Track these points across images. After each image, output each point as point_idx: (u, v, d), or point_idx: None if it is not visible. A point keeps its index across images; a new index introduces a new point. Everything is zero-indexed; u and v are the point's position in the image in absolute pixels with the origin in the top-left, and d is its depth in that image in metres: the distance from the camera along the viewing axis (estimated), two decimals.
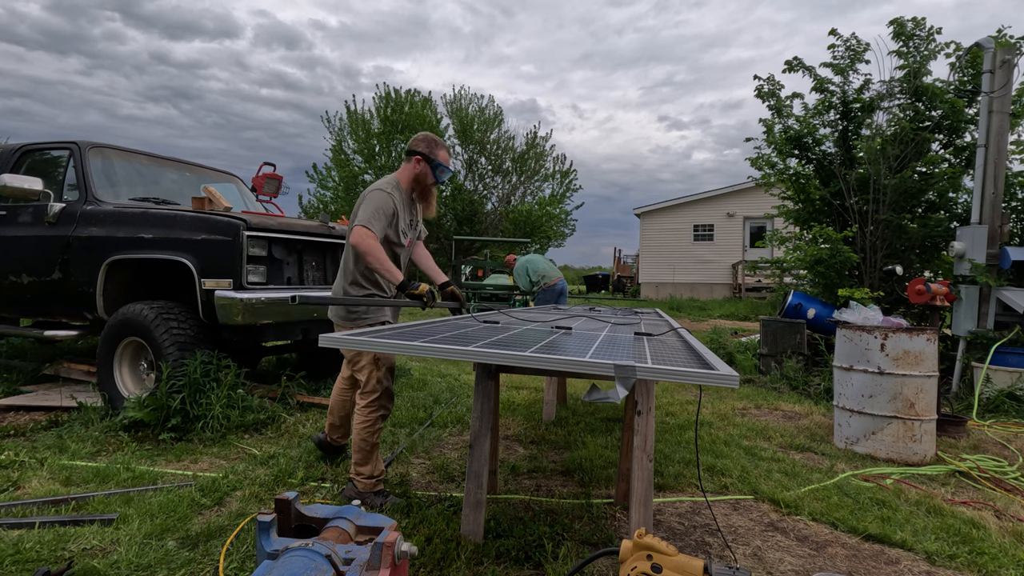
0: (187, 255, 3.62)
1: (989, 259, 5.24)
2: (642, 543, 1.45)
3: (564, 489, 2.85)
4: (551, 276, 7.25)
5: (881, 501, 2.76)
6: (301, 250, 4.17)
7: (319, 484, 2.76)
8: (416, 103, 24.57)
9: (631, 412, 2.22)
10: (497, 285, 11.98)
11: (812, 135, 7.09)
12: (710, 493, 2.88)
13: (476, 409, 2.24)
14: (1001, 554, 2.26)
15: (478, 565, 2.04)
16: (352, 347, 1.93)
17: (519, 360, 1.74)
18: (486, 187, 27.18)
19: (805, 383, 5.56)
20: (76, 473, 2.74)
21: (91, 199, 4.05)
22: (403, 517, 2.39)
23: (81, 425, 3.46)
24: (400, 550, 1.27)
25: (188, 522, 2.27)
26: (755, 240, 19.51)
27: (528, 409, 4.47)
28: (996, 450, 3.78)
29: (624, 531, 2.38)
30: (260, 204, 5.83)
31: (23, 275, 4.14)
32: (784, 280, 9.23)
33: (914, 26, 6.66)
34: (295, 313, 3.89)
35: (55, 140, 4.38)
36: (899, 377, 3.55)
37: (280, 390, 4.13)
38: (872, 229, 6.63)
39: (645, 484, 2.02)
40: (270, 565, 1.23)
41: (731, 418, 4.45)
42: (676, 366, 1.64)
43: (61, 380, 4.54)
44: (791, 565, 2.16)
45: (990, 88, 5.32)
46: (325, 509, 1.47)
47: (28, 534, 2.08)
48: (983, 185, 5.33)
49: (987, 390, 4.85)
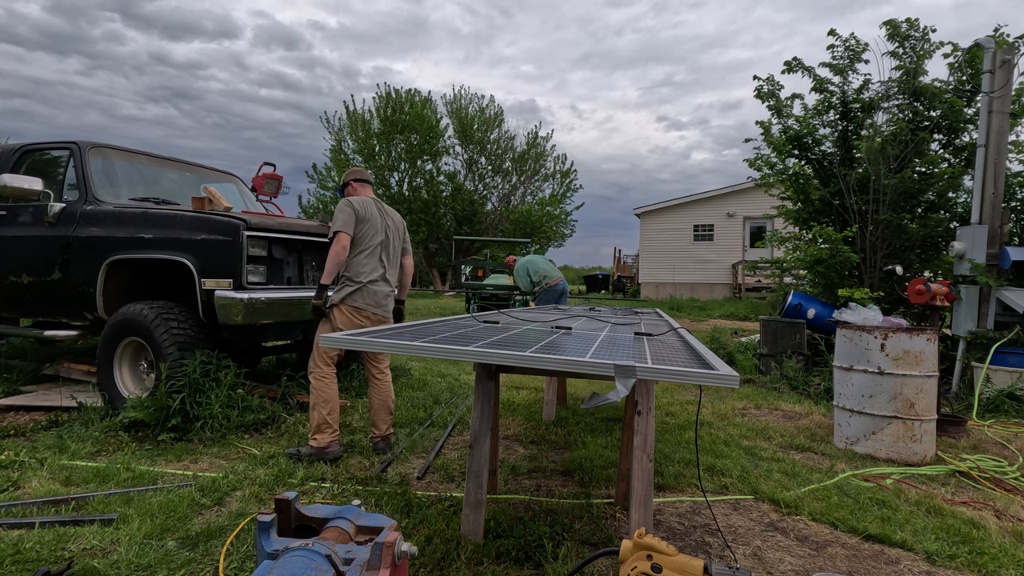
0: (187, 255, 3.62)
1: (989, 259, 5.24)
2: (642, 543, 1.45)
3: (564, 489, 2.85)
4: (552, 276, 7.25)
5: (881, 501, 2.76)
6: (301, 250, 4.17)
7: (319, 484, 2.76)
8: (416, 103, 24.56)
9: (631, 412, 2.22)
10: (497, 285, 11.98)
11: (812, 135, 7.10)
12: (710, 493, 2.88)
13: (476, 409, 2.24)
14: (1001, 554, 2.26)
15: (478, 565, 2.04)
16: (352, 347, 1.93)
17: (519, 360, 1.74)
18: (486, 187, 27.19)
19: (805, 383, 5.56)
20: (76, 473, 2.74)
21: (91, 199, 4.05)
22: (403, 517, 2.39)
23: (81, 425, 3.46)
24: (400, 550, 1.27)
25: (188, 522, 2.27)
26: (755, 240, 19.51)
27: (528, 409, 4.47)
28: (996, 450, 3.78)
29: (624, 531, 2.38)
30: (260, 204, 5.83)
31: (23, 275, 4.13)
32: (784, 280, 9.23)
33: (908, 27, 6.66)
34: (295, 313, 3.89)
35: (55, 140, 4.38)
36: (899, 377, 3.55)
37: (280, 390, 4.13)
38: (872, 229, 6.63)
39: (645, 484, 2.02)
40: (270, 565, 1.23)
41: (731, 418, 4.45)
42: (676, 366, 1.64)
43: (61, 380, 4.54)
44: (791, 565, 2.16)
45: (990, 88, 5.32)
46: (325, 509, 1.47)
47: (28, 534, 2.08)
48: (983, 185, 5.33)
49: (987, 390, 4.85)
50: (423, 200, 23.87)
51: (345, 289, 3.20)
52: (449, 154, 26.05)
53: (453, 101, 26.54)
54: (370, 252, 3.26)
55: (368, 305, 3.23)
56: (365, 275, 3.23)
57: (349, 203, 3.22)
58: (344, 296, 3.19)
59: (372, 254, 3.27)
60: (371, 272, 3.25)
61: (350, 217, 3.18)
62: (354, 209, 3.21)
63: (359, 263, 3.23)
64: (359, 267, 3.23)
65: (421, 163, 24.77)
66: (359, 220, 3.22)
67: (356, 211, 3.21)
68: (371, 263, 3.27)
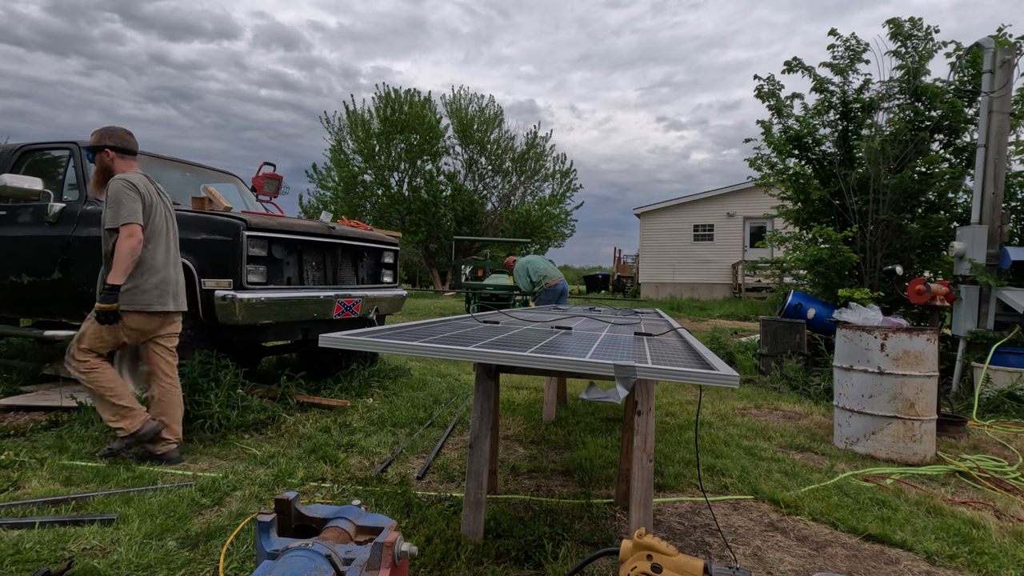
0: (187, 255, 3.61)
1: (989, 259, 5.24)
2: (642, 543, 1.45)
3: (564, 489, 2.85)
4: (552, 276, 7.26)
5: (881, 501, 2.76)
6: (301, 250, 4.17)
7: (319, 484, 2.76)
8: (416, 103, 24.57)
9: (631, 412, 2.22)
10: (497, 285, 11.99)
11: (812, 135, 7.10)
12: (710, 493, 2.88)
13: (476, 409, 2.24)
14: (1001, 554, 2.26)
15: (478, 565, 2.04)
16: (352, 347, 1.93)
17: (519, 360, 1.74)
18: (486, 187, 27.19)
19: (805, 383, 5.56)
20: (76, 473, 2.74)
21: (91, 199, 4.05)
22: (403, 517, 2.39)
23: (81, 425, 3.46)
24: (400, 550, 1.27)
25: (188, 522, 2.27)
26: (755, 240, 19.52)
27: (528, 409, 4.47)
28: (996, 450, 3.78)
29: (624, 531, 2.38)
30: (260, 204, 5.83)
31: (23, 275, 4.13)
32: (784, 280, 9.24)
33: (911, 26, 6.66)
34: (295, 313, 3.89)
35: (55, 140, 4.38)
36: (899, 377, 3.55)
37: (280, 390, 4.13)
38: (872, 229, 6.63)
39: (645, 484, 2.02)
40: (270, 565, 1.23)
41: (731, 418, 4.45)
42: (676, 366, 1.64)
43: (61, 380, 4.54)
44: (791, 565, 2.16)
45: (990, 88, 5.32)
46: (325, 509, 1.47)
47: (28, 534, 2.08)
48: (983, 185, 5.33)
49: (987, 390, 4.85)
50: (423, 200, 23.87)
51: (137, 288, 2.86)
52: (449, 154, 26.07)
53: (453, 101, 26.53)
54: (161, 244, 2.94)
55: (163, 304, 2.94)
56: (158, 270, 2.91)
57: (132, 185, 2.82)
58: (136, 296, 2.86)
59: (162, 244, 2.95)
60: (163, 266, 2.94)
61: (137, 204, 2.80)
62: (140, 193, 2.82)
63: (149, 257, 2.89)
64: (151, 260, 2.89)
65: (421, 163, 24.77)
66: (145, 206, 2.84)
67: (142, 195, 2.83)
68: (162, 254, 2.94)
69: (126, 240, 2.73)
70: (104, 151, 2.95)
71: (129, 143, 3.00)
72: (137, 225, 2.78)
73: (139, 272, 2.86)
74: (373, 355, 5.38)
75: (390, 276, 5.25)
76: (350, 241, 4.56)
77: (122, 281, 2.75)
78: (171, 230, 3.08)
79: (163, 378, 3.06)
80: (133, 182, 2.83)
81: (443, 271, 26.65)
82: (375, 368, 5.21)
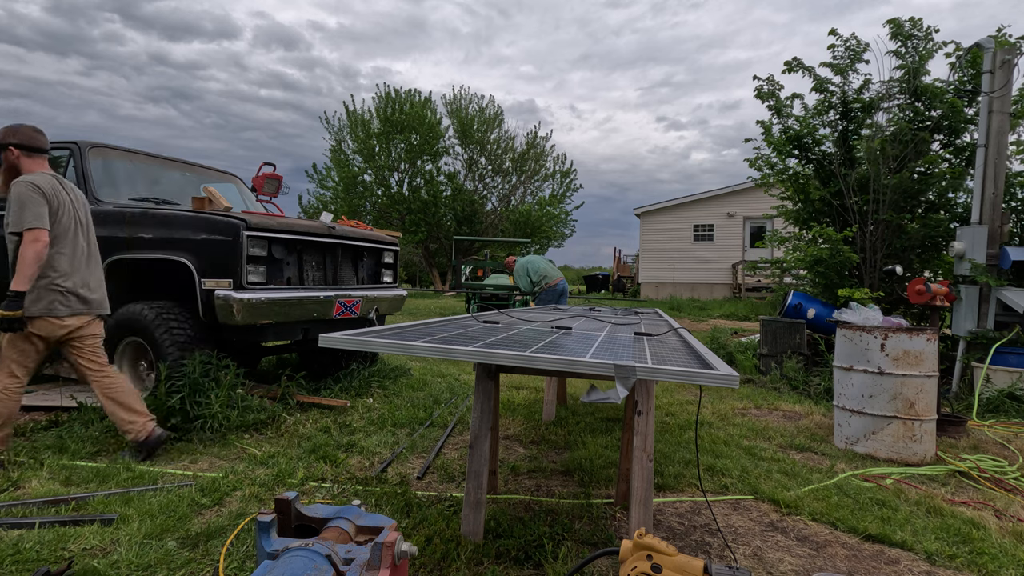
0: (187, 255, 3.62)
1: (989, 259, 5.24)
2: (642, 543, 1.45)
3: (564, 489, 2.85)
4: (552, 276, 7.26)
5: (881, 501, 2.76)
6: (301, 250, 4.17)
7: (319, 484, 2.76)
8: (416, 103, 24.57)
9: (631, 412, 2.22)
10: (497, 285, 11.99)
11: (812, 135, 7.10)
12: (710, 493, 2.88)
13: (476, 409, 2.24)
14: (1001, 554, 2.26)
15: (478, 565, 2.04)
16: (352, 347, 1.93)
17: (519, 360, 1.74)
18: (486, 187, 27.19)
19: (805, 383, 5.56)
20: (76, 473, 2.74)
21: (91, 199, 4.05)
22: (403, 517, 2.39)
23: (81, 425, 3.46)
24: (400, 550, 1.27)
25: (188, 522, 2.27)
26: (755, 240, 19.51)
27: (528, 409, 4.47)
28: (996, 450, 3.78)
29: (624, 531, 2.38)
30: (260, 204, 5.83)
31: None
32: (784, 280, 9.24)
33: (911, 26, 6.66)
34: (295, 313, 3.89)
35: (55, 140, 4.37)
36: (899, 377, 3.55)
37: (280, 390, 4.13)
38: (872, 229, 6.63)
39: (645, 484, 2.02)
40: (270, 565, 1.23)
41: (731, 418, 4.45)
42: (676, 366, 1.64)
43: (61, 380, 4.54)
44: (791, 565, 2.16)
45: (990, 88, 5.32)
46: (325, 509, 1.47)
47: (28, 534, 2.08)
48: (983, 185, 5.33)
49: (987, 390, 4.85)
50: (423, 200, 23.87)
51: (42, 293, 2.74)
52: (449, 154, 26.07)
53: (453, 101, 26.54)
54: (69, 245, 2.83)
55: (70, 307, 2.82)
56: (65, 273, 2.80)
57: (36, 188, 2.70)
58: (39, 302, 2.74)
59: (69, 245, 2.83)
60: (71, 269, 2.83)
61: (43, 208, 2.69)
62: (45, 196, 2.71)
63: (56, 261, 2.78)
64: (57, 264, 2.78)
65: (421, 163, 24.77)
66: (52, 209, 2.73)
67: (48, 198, 2.72)
68: (68, 258, 2.83)
69: (30, 245, 2.63)
70: (8, 149, 2.81)
71: (36, 141, 2.86)
72: (42, 230, 2.67)
73: (44, 276, 2.75)
74: (373, 355, 5.38)
75: (390, 276, 5.25)
76: (350, 241, 4.56)
77: (27, 287, 2.64)
78: (83, 230, 2.95)
79: (94, 374, 2.95)
80: (38, 184, 2.71)
81: (443, 271, 26.65)
82: (375, 368, 5.21)
